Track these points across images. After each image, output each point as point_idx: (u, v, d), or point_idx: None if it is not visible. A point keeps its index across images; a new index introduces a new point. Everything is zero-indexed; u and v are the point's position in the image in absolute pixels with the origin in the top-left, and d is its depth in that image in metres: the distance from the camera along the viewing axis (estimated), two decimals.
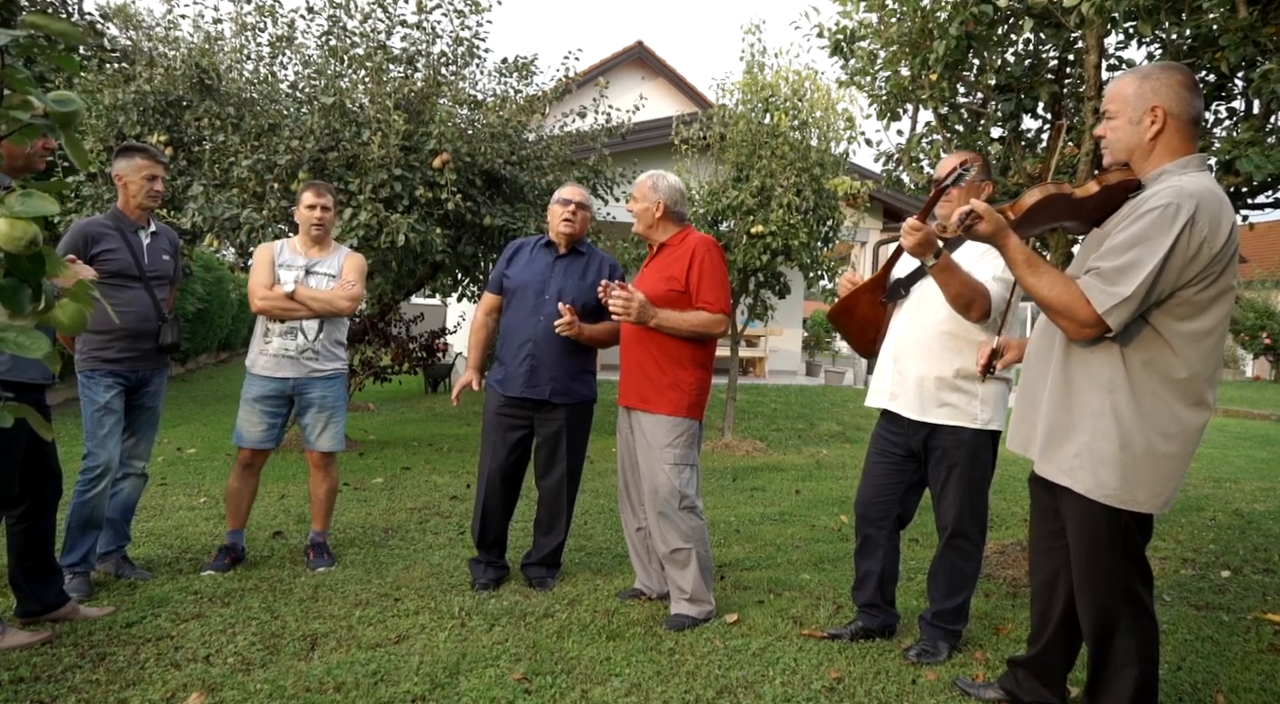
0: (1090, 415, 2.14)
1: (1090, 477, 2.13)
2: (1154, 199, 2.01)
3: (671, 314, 3.27)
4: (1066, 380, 2.21)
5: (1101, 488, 2.12)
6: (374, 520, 4.79)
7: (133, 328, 3.40)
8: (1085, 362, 2.17)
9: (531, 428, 3.68)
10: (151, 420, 3.63)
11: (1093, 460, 2.13)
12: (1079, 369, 2.18)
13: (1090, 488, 2.14)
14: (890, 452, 3.09)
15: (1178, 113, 2.08)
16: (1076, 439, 2.16)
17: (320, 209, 3.76)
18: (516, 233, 6.21)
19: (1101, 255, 2.07)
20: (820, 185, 7.54)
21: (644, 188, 3.42)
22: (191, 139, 5.79)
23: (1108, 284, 2.03)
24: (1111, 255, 2.04)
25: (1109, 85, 2.20)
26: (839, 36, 4.28)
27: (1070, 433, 2.18)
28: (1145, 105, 2.09)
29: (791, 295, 9.70)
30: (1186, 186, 1.99)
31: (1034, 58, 3.82)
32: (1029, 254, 2.17)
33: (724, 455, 7.67)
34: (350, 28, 6.04)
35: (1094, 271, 2.07)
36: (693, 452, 3.36)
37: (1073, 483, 2.17)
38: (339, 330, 3.95)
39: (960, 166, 2.54)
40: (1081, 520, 2.20)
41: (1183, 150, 2.10)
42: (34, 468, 2.97)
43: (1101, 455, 2.12)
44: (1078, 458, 2.16)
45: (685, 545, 3.29)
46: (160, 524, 4.47)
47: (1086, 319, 2.06)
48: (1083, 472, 2.15)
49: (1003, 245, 2.18)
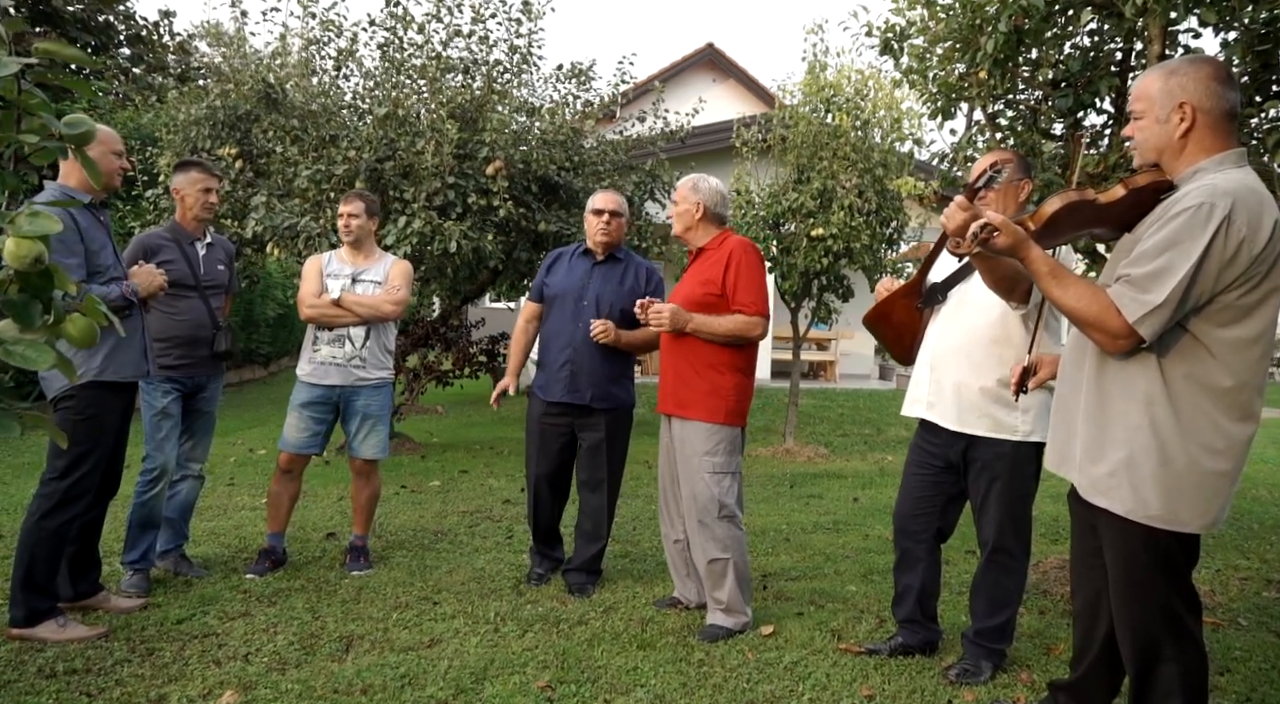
0: (1128, 431, 2.01)
1: (1131, 496, 2.01)
2: (1186, 199, 1.88)
3: (708, 319, 3.25)
4: (1101, 394, 2.08)
5: (1143, 508, 2.00)
6: (425, 523, 4.87)
7: (189, 335, 3.55)
8: (1120, 374, 2.04)
9: (573, 433, 3.72)
10: (208, 424, 3.77)
11: (1132, 479, 2.00)
12: (1114, 382, 2.05)
13: (1131, 508, 2.01)
14: (928, 463, 2.99)
15: (1208, 108, 1.94)
16: (1114, 457, 2.04)
17: (348, 216, 3.85)
18: (571, 238, 6.25)
19: (1132, 261, 1.95)
20: (883, 186, 7.36)
21: (684, 189, 3.41)
22: (259, 151, 6.01)
23: (1138, 292, 1.90)
24: (1142, 261, 1.92)
25: (1135, 84, 2.07)
26: (889, 34, 4.16)
27: (1107, 450, 2.06)
28: (1172, 102, 1.96)
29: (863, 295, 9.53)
30: (1221, 184, 1.85)
31: (1094, 50, 3.64)
32: (1053, 265, 2.05)
33: (783, 461, 7.55)
34: (407, 40, 6.19)
35: (1123, 279, 1.95)
36: (734, 459, 3.32)
37: (1111, 503, 2.04)
38: (387, 338, 4.03)
39: (991, 169, 2.42)
40: (1118, 541, 2.08)
41: (1217, 146, 1.96)
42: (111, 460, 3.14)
43: (1142, 473, 1.99)
44: (1115, 476, 2.03)
45: (723, 555, 3.25)
46: (222, 524, 4.64)
47: (1118, 330, 1.94)
48: (1122, 491, 2.02)
49: (1024, 258, 2.07)
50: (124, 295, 2.99)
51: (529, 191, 6.10)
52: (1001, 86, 3.61)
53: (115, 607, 3.22)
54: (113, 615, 3.17)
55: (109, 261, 3.00)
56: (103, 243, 2.99)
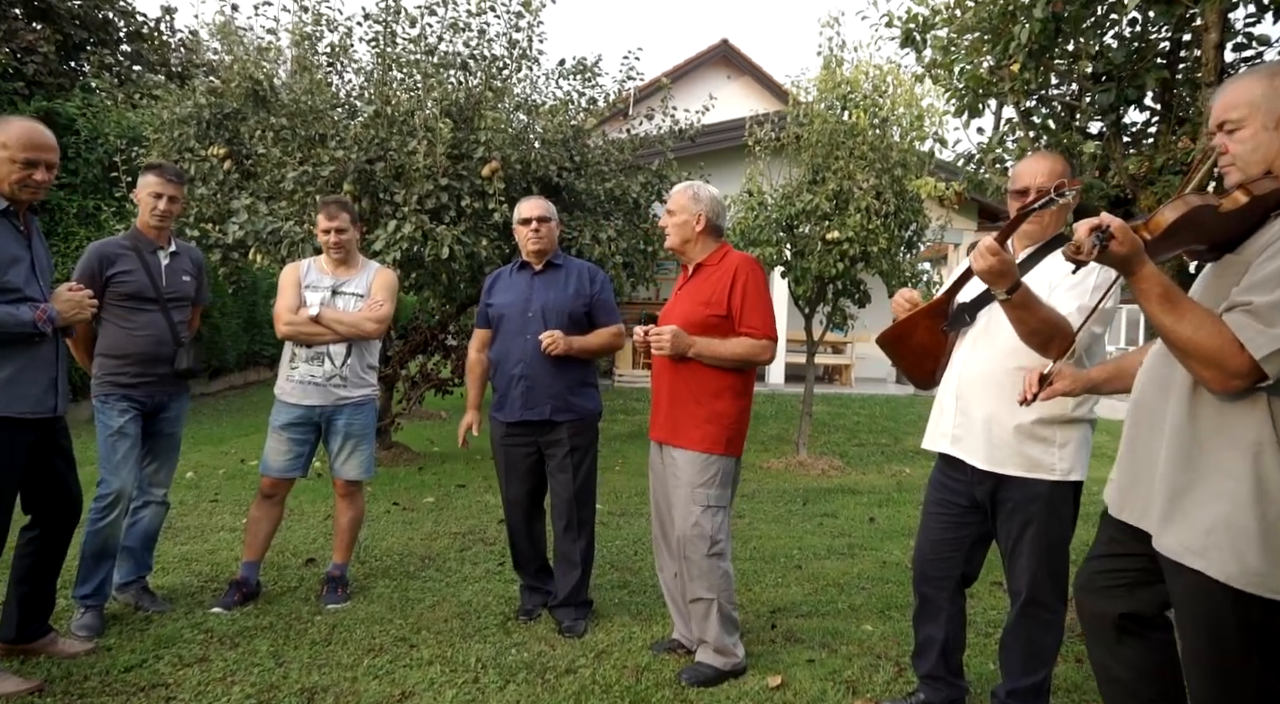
0: (1229, 483, 1.68)
1: (1231, 559, 1.67)
2: None
3: (712, 342, 2.97)
4: (1194, 437, 1.74)
5: (1245, 574, 1.66)
6: (414, 546, 4.59)
7: (148, 351, 3.27)
8: (1222, 416, 1.71)
9: (540, 452, 3.49)
10: (171, 446, 3.50)
11: (1234, 539, 1.66)
12: (1212, 424, 1.72)
13: (1231, 573, 1.67)
14: (951, 502, 2.66)
15: None
16: (1210, 511, 1.70)
17: (334, 232, 3.58)
18: (573, 243, 5.95)
19: (1251, 288, 1.62)
20: (902, 187, 7.02)
21: (683, 198, 3.12)
22: (249, 152, 5.74)
23: (1265, 324, 1.58)
24: (1266, 288, 1.59)
25: (1224, 91, 1.74)
26: (910, 25, 3.84)
27: (1202, 504, 1.72)
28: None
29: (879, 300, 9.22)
30: None
31: (1140, 40, 3.29)
32: (1166, 285, 1.70)
33: (796, 474, 7.23)
34: (400, 33, 5.90)
35: (1243, 308, 1.62)
36: (727, 492, 3.05)
37: (1207, 565, 1.70)
38: (370, 354, 3.76)
39: (1054, 192, 2.07)
40: (1203, 611, 1.74)
41: None
42: (51, 493, 2.85)
43: (1246, 533, 1.65)
44: (1212, 535, 1.69)
45: (707, 596, 2.99)
46: (197, 547, 4.37)
47: (1239, 368, 1.61)
48: (1219, 552, 1.68)
49: (1135, 274, 1.71)
50: (36, 321, 2.61)
51: (528, 194, 5.79)
52: (1035, 80, 3.27)
53: (60, 651, 2.94)
54: (54, 662, 2.89)
55: (20, 279, 2.63)
56: (16, 256, 2.63)
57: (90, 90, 8.10)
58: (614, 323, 3.58)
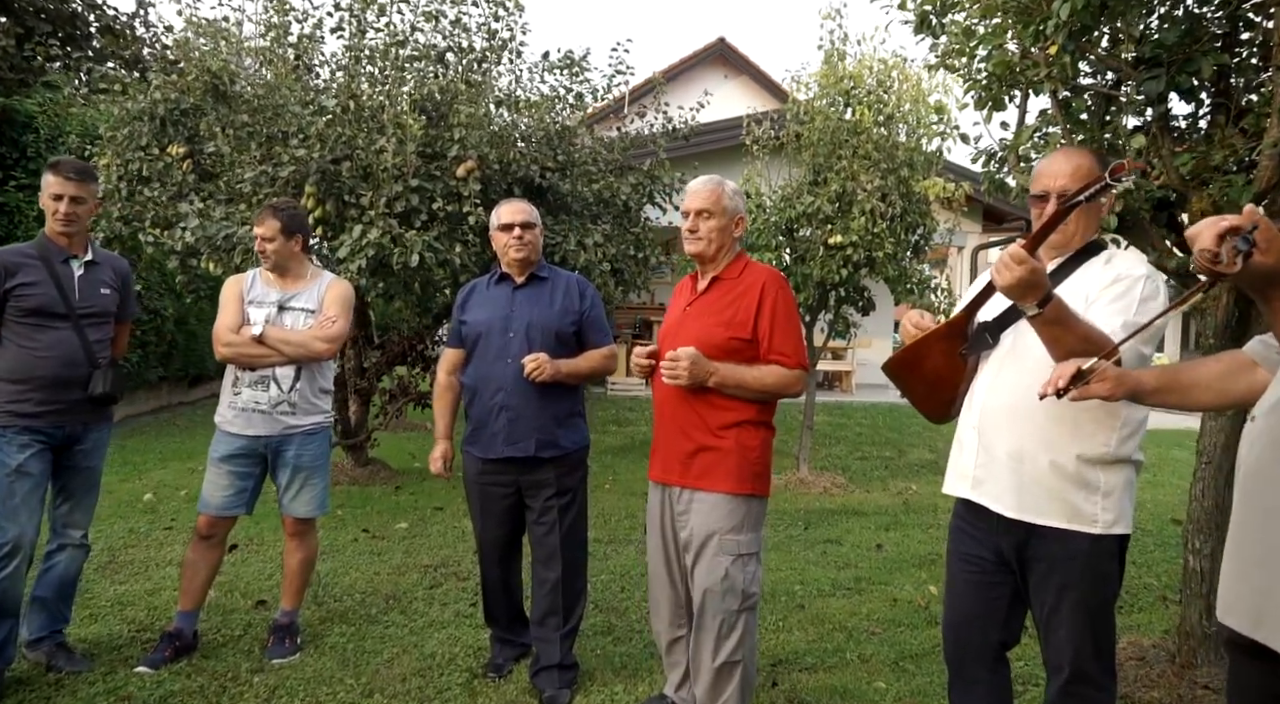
0: None
1: None
2: None
3: (737, 369, 2.55)
4: None
5: None
6: (379, 583, 4.17)
7: (54, 375, 2.85)
8: None
9: (519, 491, 3.06)
10: (89, 483, 3.08)
11: None
12: None
13: None
14: (976, 556, 2.24)
15: None
16: None
17: (260, 239, 3.17)
18: (557, 248, 5.53)
19: None
20: (909, 188, 6.61)
21: (717, 195, 2.62)
22: (209, 150, 5.32)
23: None
24: None
25: None
26: (926, 8, 3.43)
27: None
28: None
29: (884, 306, 8.84)
30: None
31: (1191, 21, 2.89)
32: None
33: (797, 493, 6.81)
34: (368, 22, 5.48)
35: None
36: (758, 536, 2.64)
37: None
38: (322, 377, 3.35)
39: (1110, 177, 1.67)
40: None
41: None
42: None
43: None
44: None
45: (735, 658, 2.58)
46: (134, 588, 3.95)
47: None
48: None
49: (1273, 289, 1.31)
50: None
51: (508, 195, 5.39)
52: (1074, 66, 2.86)
53: None
54: None
55: None
56: None
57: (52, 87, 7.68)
58: (606, 343, 3.16)
